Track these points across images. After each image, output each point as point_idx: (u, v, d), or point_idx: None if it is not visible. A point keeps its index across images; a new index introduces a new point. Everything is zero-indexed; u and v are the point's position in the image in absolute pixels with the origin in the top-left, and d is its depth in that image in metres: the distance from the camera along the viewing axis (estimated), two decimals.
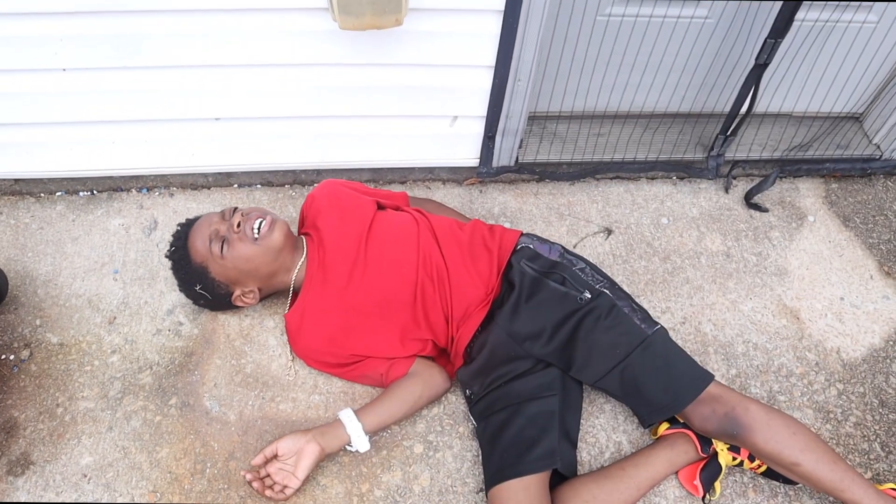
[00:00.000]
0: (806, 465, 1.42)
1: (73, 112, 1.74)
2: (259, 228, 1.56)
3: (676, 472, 1.59)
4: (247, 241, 1.55)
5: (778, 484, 1.58)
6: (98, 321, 1.75)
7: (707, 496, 1.55)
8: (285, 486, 1.44)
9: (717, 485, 1.55)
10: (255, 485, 1.44)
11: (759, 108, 2.15)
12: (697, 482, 1.55)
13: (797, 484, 1.56)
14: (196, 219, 1.65)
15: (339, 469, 1.55)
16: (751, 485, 1.58)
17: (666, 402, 1.48)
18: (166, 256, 1.67)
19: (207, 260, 1.58)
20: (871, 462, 1.64)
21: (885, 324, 1.90)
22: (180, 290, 1.69)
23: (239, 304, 1.67)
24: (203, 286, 1.63)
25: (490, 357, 1.57)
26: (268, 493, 1.44)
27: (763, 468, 1.56)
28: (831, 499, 1.56)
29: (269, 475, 1.46)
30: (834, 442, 1.67)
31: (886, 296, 1.96)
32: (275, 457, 1.48)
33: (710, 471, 1.55)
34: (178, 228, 1.66)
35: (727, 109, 1.98)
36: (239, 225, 1.55)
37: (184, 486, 1.51)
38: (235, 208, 1.61)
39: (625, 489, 1.51)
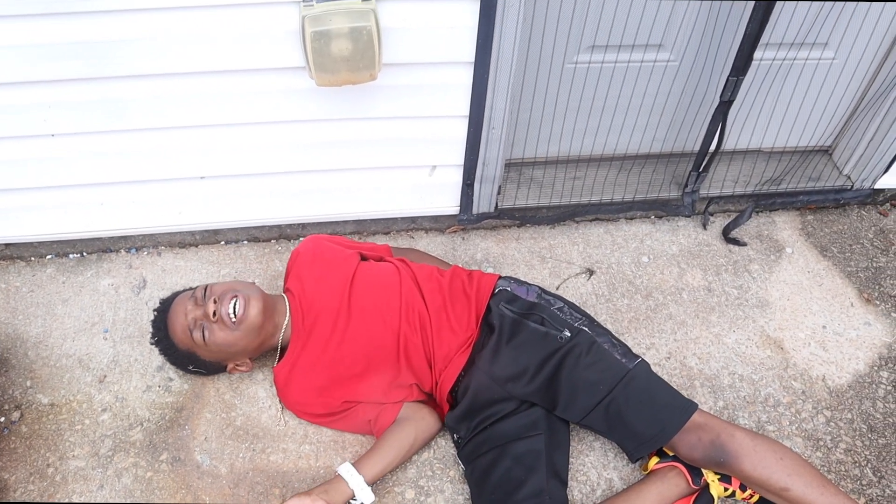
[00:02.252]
0: (795, 489, 1.42)
1: (62, 176, 1.79)
2: (234, 311, 1.55)
3: None
4: (226, 328, 1.56)
5: None
6: (88, 380, 1.77)
7: None
8: None
9: None
10: None
11: (730, 144, 2.21)
12: None
13: None
14: (169, 301, 1.66)
15: None
16: None
17: (652, 434, 1.49)
18: (151, 343, 1.69)
19: (192, 347, 1.60)
20: (864, 488, 1.64)
21: (869, 349, 1.92)
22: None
23: (234, 373, 1.71)
24: (195, 366, 1.66)
25: (473, 400, 1.58)
26: None
27: (755, 498, 1.56)
28: None
29: None
30: (825, 469, 1.67)
31: (868, 322, 1.98)
32: None
33: (702, 503, 1.55)
34: (155, 314, 1.67)
35: (698, 147, 2.04)
36: (215, 314, 1.55)
37: None
38: (206, 288, 1.60)
39: None
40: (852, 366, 1.88)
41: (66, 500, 1.56)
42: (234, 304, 1.56)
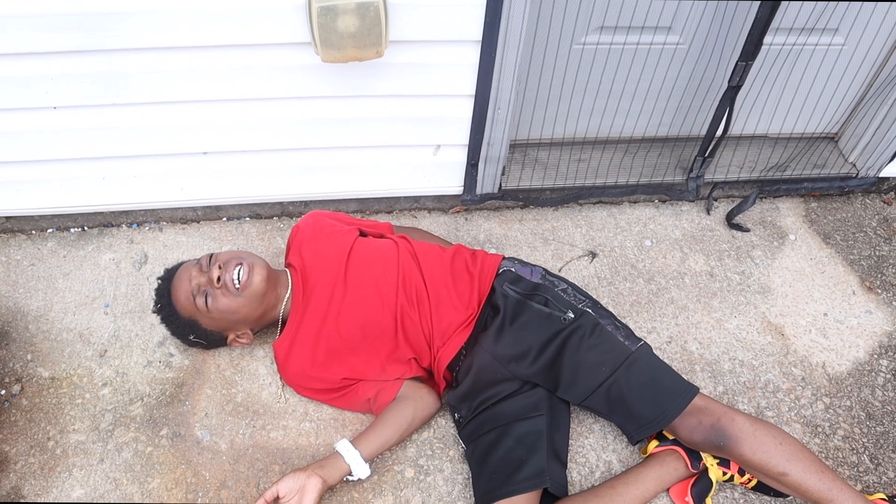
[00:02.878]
0: (793, 474, 1.42)
1: (64, 149, 1.77)
2: (238, 278, 1.56)
3: (668, 490, 1.59)
4: (229, 294, 1.56)
5: (769, 499, 1.58)
6: (89, 354, 1.77)
7: None
8: None
9: (709, 501, 1.55)
10: None
11: (736, 130, 2.20)
12: (689, 498, 1.55)
13: (787, 497, 1.56)
14: (174, 270, 1.67)
15: (330, 495, 1.55)
16: (741, 500, 1.59)
17: (654, 417, 1.49)
18: (153, 312, 1.69)
19: (195, 314, 1.60)
20: (861, 474, 1.65)
21: (869, 338, 1.92)
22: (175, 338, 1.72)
23: (235, 345, 1.70)
24: (196, 335, 1.66)
25: (476, 380, 1.58)
26: None
27: (753, 482, 1.57)
28: None
29: None
30: (823, 455, 1.68)
31: (869, 310, 1.98)
32: (276, 499, 1.45)
33: (700, 486, 1.55)
34: (159, 283, 1.67)
35: (704, 132, 2.03)
36: (219, 279, 1.56)
37: None
38: (211, 256, 1.61)
39: None
40: (852, 353, 1.88)
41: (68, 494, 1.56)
42: (239, 270, 1.57)
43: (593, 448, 1.67)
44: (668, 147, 2.20)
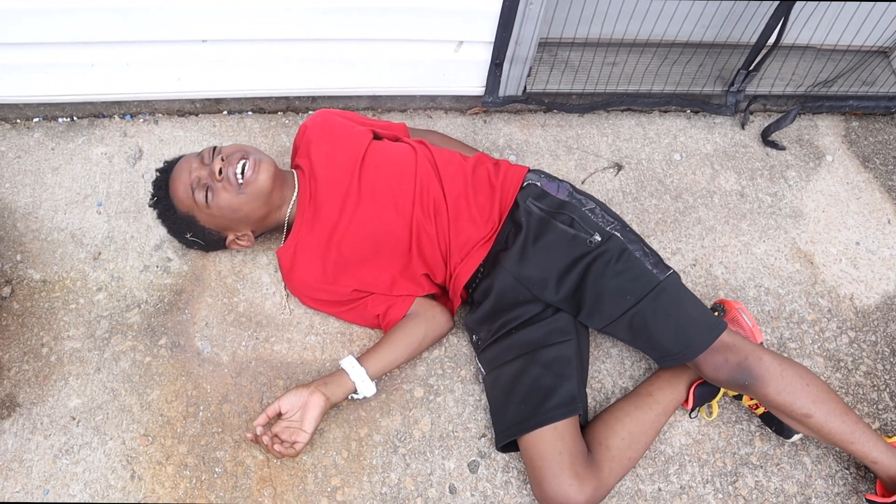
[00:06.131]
0: (817, 416, 1.38)
1: (47, 31, 1.60)
2: (242, 173, 1.46)
3: None
4: (231, 189, 1.46)
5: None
6: (82, 256, 1.67)
7: (696, 410, 1.55)
8: (294, 442, 1.38)
9: (715, 405, 1.55)
10: (264, 439, 1.36)
11: (785, 40, 2.01)
12: (690, 395, 1.53)
13: (791, 437, 1.51)
14: (174, 162, 1.55)
15: (336, 413, 1.51)
16: (757, 433, 1.56)
17: (677, 351, 1.42)
18: (150, 206, 1.58)
19: (193, 209, 1.50)
20: (880, 412, 1.61)
21: None
22: (171, 236, 1.61)
23: (234, 247, 1.60)
24: (193, 234, 1.56)
25: (497, 302, 1.51)
26: (277, 447, 1.37)
27: (761, 410, 1.54)
28: (837, 448, 1.54)
29: (275, 435, 1.39)
30: (843, 391, 1.63)
31: None
32: (278, 415, 1.42)
33: (706, 389, 1.53)
34: (157, 175, 1.56)
35: (752, 41, 1.85)
36: (221, 172, 1.45)
37: (176, 430, 1.47)
38: (214, 148, 1.49)
39: (655, 418, 1.50)
40: (882, 286, 1.80)
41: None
42: (243, 164, 1.46)
43: (609, 374, 1.62)
44: (711, 55, 2.01)
